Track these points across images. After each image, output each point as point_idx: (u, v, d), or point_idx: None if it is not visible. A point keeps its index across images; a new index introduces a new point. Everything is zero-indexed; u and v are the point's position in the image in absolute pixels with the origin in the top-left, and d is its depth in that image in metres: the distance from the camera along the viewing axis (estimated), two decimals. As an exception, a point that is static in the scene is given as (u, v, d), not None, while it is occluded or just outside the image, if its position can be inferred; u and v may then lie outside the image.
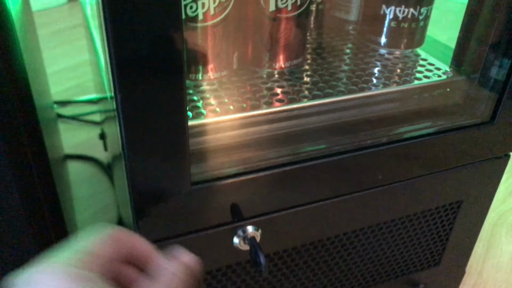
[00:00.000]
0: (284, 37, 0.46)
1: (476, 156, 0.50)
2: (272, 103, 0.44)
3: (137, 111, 0.31)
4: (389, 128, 0.47)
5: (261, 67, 0.48)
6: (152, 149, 0.33)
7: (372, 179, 0.46)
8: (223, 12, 0.41)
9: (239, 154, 0.41)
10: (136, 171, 0.33)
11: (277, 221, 0.43)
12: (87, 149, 0.95)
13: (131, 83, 0.30)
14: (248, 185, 0.40)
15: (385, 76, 0.50)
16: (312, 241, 0.47)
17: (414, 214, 0.52)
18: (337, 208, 0.46)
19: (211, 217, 0.40)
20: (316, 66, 0.51)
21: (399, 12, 0.51)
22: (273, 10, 0.44)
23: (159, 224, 0.38)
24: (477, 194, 0.54)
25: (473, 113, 0.49)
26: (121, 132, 0.32)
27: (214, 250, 0.42)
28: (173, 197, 0.36)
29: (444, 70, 0.51)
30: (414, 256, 0.57)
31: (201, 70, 0.44)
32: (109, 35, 0.28)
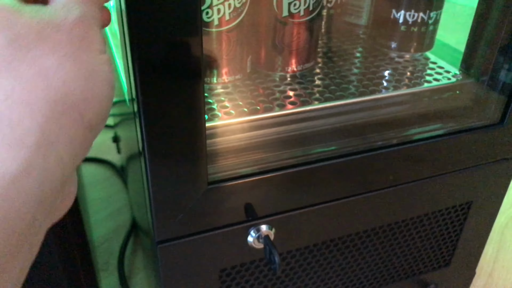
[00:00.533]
0: (296, 41, 0.47)
1: (485, 158, 0.51)
2: (285, 105, 0.45)
3: (157, 113, 0.32)
4: (399, 130, 0.48)
5: (274, 71, 0.49)
6: (171, 150, 0.34)
7: (383, 180, 0.46)
8: (238, 18, 0.43)
9: (253, 155, 0.43)
10: (156, 171, 0.35)
11: (290, 220, 0.44)
12: (101, 152, 0.97)
13: (152, 86, 0.31)
14: (262, 185, 0.41)
15: (396, 79, 0.51)
16: (325, 240, 0.48)
17: (425, 215, 0.53)
18: (349, 208, 0.47)
19: (226, 216, 0.41)
20: (328, 70, 0.52)
21: (409, 16, 0.52)
22: (286, 15, 0.45)
23: (176, 223, 0.39)
24: (487, 195, 0.54)
25: (483, 115, 0.50)
26: (142, 134, 0.33)
27: (229, 248, 0.43)
28: (190, 197, 0.37)
29: (454, 73, 0.52)
30: (424, 256, 0.57)
31: (216, 73, 0.45)
32: (131, 41, 0.30)
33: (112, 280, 0.70)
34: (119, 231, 0.78)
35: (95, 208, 0.84)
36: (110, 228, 0.80)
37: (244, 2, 0.42)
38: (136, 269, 0.72)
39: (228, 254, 0.43)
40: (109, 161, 0.94)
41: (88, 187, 0.89)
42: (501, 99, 0.48)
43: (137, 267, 0.72)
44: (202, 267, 0.43)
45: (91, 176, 0.92)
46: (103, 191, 0.88)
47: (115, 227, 0.80)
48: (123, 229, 0.78)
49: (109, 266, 0.72)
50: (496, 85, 0.49)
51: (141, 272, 0.71)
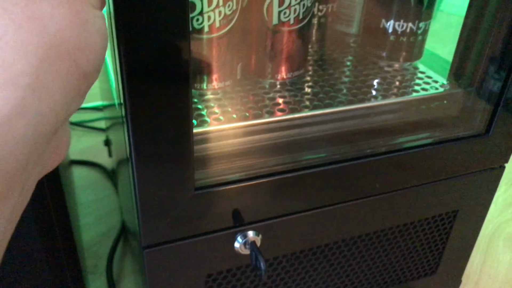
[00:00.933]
0: (287, 49, 0.48)
1: (472, 167, 0.51)
2: (274, 112, 0.46)
3: (144, 118, 0.32)
4: (387, 138, 0.48)
5: (264, 78, 0.50)
6: (158, 155, 0.34)
7: (370, 187, 0.47)
8: (228, 25, 0.43)
9: (241, 161, 0.43)
10: (143, 176, 0.35)
11: (278, 226, 0.44)
12: (92, 155, 0.97)
13: (140, 91, 0.31)
14: (250, 191, 0.41)
15: (384, 88, 0.51)
16: (311, 247, 0.48)
17: (411, 223, 0.53)
18: (336, 215, 0.47)
19: (213, 221, 0.41)
20: (317, 78, 0.52)
21: (398, 26, 0.52)
22: (276, 24, 0.45)
23: (163, 227, 0.39)
24: (473, 204, 0.55)
25: (469, 125, 0.50)
26: (129, 138, 0.33)
27: (215, 253, 0.43)
28: (177, 202, 0.37)
29: (442, 83, 0.53)
30: (410, 264, 0.58)
31: (206, 79, 0.46)
32: (120, 45, 0.30)
33: (100, 284, 0.69)
34: (109, 235, 0.78)
35: (85, 211, 0.84)
36: (99, 232, 0.79)
37: (235, 10, 0.43)
38: (124, 273, 0.72)
39: (214, 260, 0.43)
40: (100, 164, 0.94)
41: (78, 190, 0.89)
42: (487, 109, 0.49)
43: (125, 271, 0.72)
44: (189, 272, 0.43)
45: (82, 179, 0.92)
46: (94, 194, 0.88)
47: (104, 231, 0.79)
48: (112, 233, 0.78)
49: (97, 269, 0.72)
50: (483, 96, 0.50)
51: (129, 276, 0.71)
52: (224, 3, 0.41)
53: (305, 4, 0.45)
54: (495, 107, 0.48)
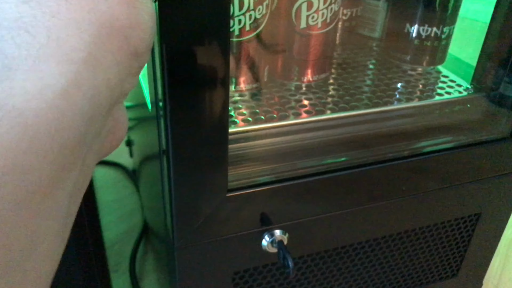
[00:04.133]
0: (313, 52, 0.49)
1: (495, 171, 0.52)
2: (300, 114, 0.47)
3: (183, 119, 0.33)
4: (410, 142, 0.49)
5: (290, 80, 0.50)
6: (195, 156, 0.35)
7: (395, 190, 0.48)
8: (258, 29, 0.44)
9: (268, 163, 0.44)
10: (180, 177, 0.36)
11: (304, 226, 0.45)
12: (113, 155, 0.98)
13: (180, 92, 0.32)
14: (278, 193, 0.42)
15: (408, 92, 0.52)
16: (336, 247, 0.49)
17: (434, 225, 0.54)
18: (360, 217, 0.48)
19: (243, 222, 0.42)
20: (342, 80, 0.53)
21: (422, 31, 0.53)
22: (303, 27, 0.46)
23: (194, 228, 0.40)
24: (495, 207, 0.55)
25: (493, 128, 0.51)
26: (167, 139, 0.34)
27: (243, 252, 0.44)
28: (210, 204, 0.38)
29: (465, 87, 0.53)
30: (432, 266, 0.58)
31: (234, 81, 0.47)
32: (162, 46, 0.31)
33: (122, 282, 0.71)
34: (130, 234, 0.80)
35: (106, 210, 0.85)
36: (121, 231, 0.81)
37: (264, 14, 0.44)
38: (146, 271, 0.73)
39: (242, 258, 0.44)
40: (121, 164, 0.96)
41: (100, 190, 0.90)
42: (511, 113, 0.49)
43: (147, 269, 0.73)
44: (217, 270, 0.44)
45: (103, 179, 0.94)
46: (115, 194, 0.90)
47: (126, 230, 0.81)
48: (133, 232, 0.79)
49: (119, 267, 0.73)
50: (506, 100, 0.50)
51: (151, 274, 0.73)
52: (254, 7, 0.42)
53: (332, 8, 0.46)
54: (519, 111, 0.49)
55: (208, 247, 0.42)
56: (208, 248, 0.42)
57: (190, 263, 0.42)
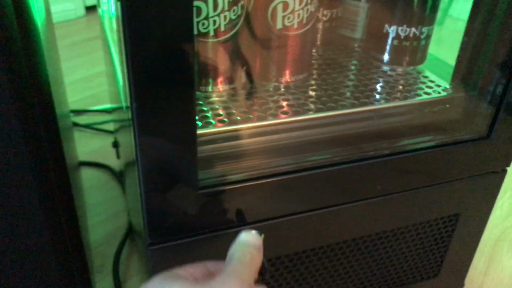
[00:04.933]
0: (290, 53, 0.49)
1: (473, 170, 0.52)
2: (278, 115, 0.47)
3: (150, 119, 0.34)
4: (390, 141, 0.49)
5: (268, 81, 0.51)
6: (163, 155, 0.35)
7: (372, 189, 0.48)
8: (233, 29, 0.44)
9: (245, 162, 0.44)
10: (148, 174, 0.36)
11: (280, 226, 0.45)
12: (101, 156, 0.98)
13: (146, 93, 0.32)
14: (253, 191, 0.42)
15: (387, 92, 0.52)
16: (313, 248, 0.49)
17: (413, 225, 0.54)
18: (337, 217, 0.48)
19: (217, 220, 0.42)
20: (321, 81, 0.53)
21: (401, 31, 0.53)
22: (280, 28, 0.46)
23: (167, 225, 0.40)
24: (474, 207, 0.55)
25: (471, 128, 0.51)
26: (135, 138, 0.34)
27: (218, 252, 0.44)
28: (181, 201, 0.38)
29: (444, 87, 0.54)
30: (413, 266, 0.58)
31: (211, 82, 0.47)
32: (126, 48, 0.31)
33: (107, 283, 0.71)
34: (116, 235, 0.79)
35: (93, 211, 0.85)
36: (107, 232, 0.81)
37: (240, 14, 0.44)
38: (131, 272, 0.73)
39: (217, 258, 0.44)
40: (108, 166, 0.95)
41: (87, 191, 0.90)
42: (489, 113, 0.50)
43: (132, 271, 0.73)
44: (192, 270, 0.44)
45: (90, 180, 0.94)
46: (102, 195, 0.90)
47: (112, 231, 0.81)
48: (119, 233, 0.79)
49: (104, 269, 0.73)
50: (485, 99, 0.51)
51: (136, 276, 0.72)
52: (229, 8, 0.43)
53: (308, 9, 0.46)
54: (496, 110, 0.49)
55: (182, 246, 0.42)
56: (182, 246, 0.42)
57: (165, 261, 0.42)
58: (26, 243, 0.45)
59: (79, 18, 1.81)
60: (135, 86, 0.32)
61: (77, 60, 1.43)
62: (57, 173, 0.45)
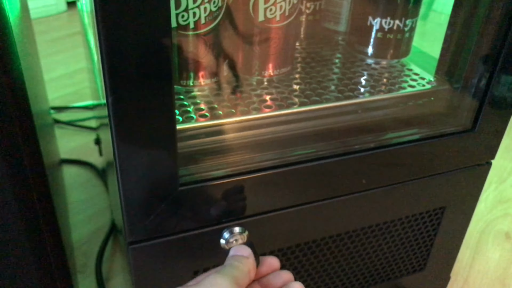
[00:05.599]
0: (273, 46, 0.48)
1: (458, 163, 0.52)
2: (261, 109, 0.46)
3: (127, 115, 0.32)
4: (374, 134, 0.48)
5: (251, 75, 0.50)
6: (142, 151, 0.34)
7: (357, 183, 0.47)
8: (214, 21, 0.43)
9: (228, 157, 0.43)
10: (126, 171, 0.35)
11: (264, 222, 0.44)
12: (83, 154, 0.96)
13: (122, 89, 0.31)
14: (236, 187, 0.41)
15: (371, 85, 0.51)
16: (298, 244, 0.48)
17: (399, 219, 0.53)
18: (322, 212, 0.47)
19: (199, 218, 0.41)
20: (305, 75, 0.53)
21: (385, 23, 0.52)
22: (262, 20, 0.45)
23: (148, 224, 0.39)
24: (460, 200, 0.55)
25: (456, 121, 0.51)
26: (112, 136, 0.33)
27: (201, 250, 0.43)
28: (161, 198, 0.37)
29: (428, 80, 0.53)
30: (399, 260, 0.58)
31: (192, 76, 0.46)
32: (101, 42, 0.30)
33: (90, 283, 0.69)
34: (99, 234, 0.78)
35: (75, 209, 0.84)
36: (89, 230, 0.79)
37: (220, 6, 0.43)
38: (114, 271, 0.72)
39: (201, 256, 0.43)
40: (91, 163, 0.94)
41: (69, 189, 0.88)
42: (473, 106, 0.49)
43: (115, 270, 0.72)
44: (175, 269, 0.43)
45: (72, 178, 0.92)
46: (84, 193, 0.88)
47: (94, 229, 0.79)
48: (102, 232, 0.78)
49: (87, 268, 0.72)
50: (469, 92, 0.50)
51: (119, 275, 0.71)
52: (209, 0, 0.41)
53: (291, 1, 0.45)
54: (480, 103, 0.49)
55: (165, 245, 0.41)
56: (165, 245, 0.41)
57: (146, 260, 0.41)
58: (3, 244, 0.44)
59: (61, 13, 1.78)
60: (110, 81, 0.31)
61: (58, 56, 1.41)
62: (34, 171, 0.44)
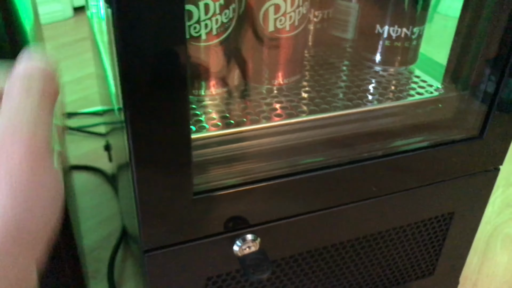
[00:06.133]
0: (283, 55, 0.49)
1: (467, 170, 0.52)
2: (271, 117, 0.47)
3: (144, 124, 0.33)
4: (383, 142, 0.49)
5: (261, 84, 0.50)
6: (157, 160, 0.35)
7: (367, 190, 0.48)
8: (225, 33, 0.44)
9: (239, 166, 0.44)
10: (142, 180, 0.36)
11: (276, 230, 0.45)
12: (92, 160, 0.97)
13: (139, 98, 0.32)
14: (248, 195, 0.42)
15: (380, 93, 0.52)
16: (309, 250, 0.49)
17: (408, 225, 0.54)
18: (333, 218, 0.48)
19: (213, 225, 0.42)
20: (314, 83, 0.53)
21: (392, 31, 0.53)
22: (272, 30, 0.46)
23: (163, 231, 0.40)
24: (468, 206, 0.56)
25: (464, 128, 0.51)
26: (129, 144, 0.34)
27: (215, 257, 0.44)
28: (176, 206, 0.38)
29: (436, 87, 0.54)
30: (408, 265, 0.58)
31: (204, 86, 0.47)
32: (118, 52, 0.31)
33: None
34: (110, 239, 0.79)
35: (85, 215, 0.85)
36: (100, 236, 0.80)
37: (231, 18, 0.44)
38: (126, 276, 0.73)
39: (214, 263, 0.44)
40: (100, 169, 0.95)
41: (79, 195, 0.89)
42: (481, 112, 0.50)
43: (127, 275, 0.73)
44: (189, 275, 0.44)
45: (82, 184, 0.93)
46: (94, 199, 0.89)
47: (105, 235, 0.80)
48: (113, 237, 0.79)
49: (99, 273, 0.73)
50: (477, 99, 0.51)
51: (130, 280, 0.72)
52: (221, 11, 0.42)
53: (300, 11, 0.46)
54: (489, 110, 0.49)
55: (179, 252, 0.42)
56: (179, 252, 0.42)
57: (161, 267, 0.42)
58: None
59: (67, 19, 1.79)
60: (128, 91, 0.32)
61: (66, 62, 1.42)
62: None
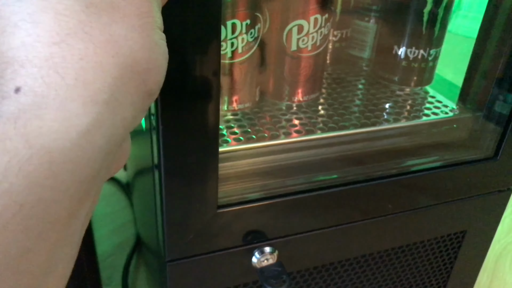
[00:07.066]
0: (303, 73, 0.50)
1: (480, 190, 0.53)
2: (291, 133, 0.48)
3: (175, 136, 0.35)
4: (398, 160, 0.50)
5: (281, 100, 0.52)
6: (186, 173, 0.36)
7: (382, 208, 0.49)
8: (250, 51, 0.46)
9: (259, 180, 0.45)
10: (171, 192, 0.37)
11: (293, 243, 0.46)
12: (107, 168, 0.99)
13: (172, 111, 0.33)
14: (267, 209, 0.43)
15: (396, 112, 0.53)
16: (325, 264, 0.50)
17: (421, 242, 0.55)
18: (348, 234, 0.49)
19: (232, 238, 0.43)
20: (332, 100, 0.55)
21: (410, 53, 0.55)
22: (294, 50, 0.48)
23: (186, 243, 0.41)
24: (481, 225, 0.57)
25: (478, 148, 0.52)
26: (159, 155, 0.35)
27: (233, 268, 0.45)
28: (200, 219, 0.39)
29: (451, 108, 0.55)
30: (420, 282, 0.59)
31: (227, 101, 0.48)
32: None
33: (115, 295, 0.71)
34: (123, 247, 0.80)
35: (99, 223, 0.86)
36: (114, 244, 0.81)
37: (256, 37, 0.45)
38: (139, 284, 0.74)
39: (232, 274, 0.45)
40: (115, 177, 0.96)
41: (93, 202, 0.91)
42: (496, 133, 0.51)
43: (140, 283, 0.74)
44: (207, 286, 0.45)
45: (96, 192, 0.94)
46: (108, 207, 0.90)
47: (119, 243, 0.81)
48: (127, 245, 0.80)
49: (112, 281, 0.74)
50: (491, 120, 0.52)
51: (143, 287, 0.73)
52: (247, 31, 0.44)
53: (322, 32, 0.48)
54: (503, 131, 0.50)
55: (199, 263, 0.43)
56: (199, 263, 0.43)
57: (181, 277, 0.43)
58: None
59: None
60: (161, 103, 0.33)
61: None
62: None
